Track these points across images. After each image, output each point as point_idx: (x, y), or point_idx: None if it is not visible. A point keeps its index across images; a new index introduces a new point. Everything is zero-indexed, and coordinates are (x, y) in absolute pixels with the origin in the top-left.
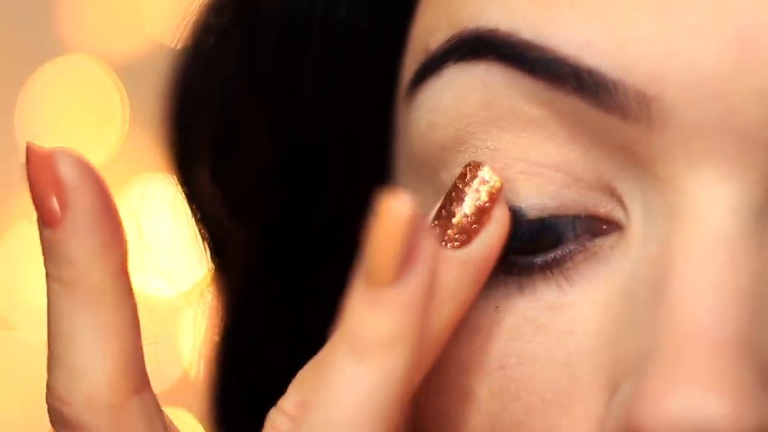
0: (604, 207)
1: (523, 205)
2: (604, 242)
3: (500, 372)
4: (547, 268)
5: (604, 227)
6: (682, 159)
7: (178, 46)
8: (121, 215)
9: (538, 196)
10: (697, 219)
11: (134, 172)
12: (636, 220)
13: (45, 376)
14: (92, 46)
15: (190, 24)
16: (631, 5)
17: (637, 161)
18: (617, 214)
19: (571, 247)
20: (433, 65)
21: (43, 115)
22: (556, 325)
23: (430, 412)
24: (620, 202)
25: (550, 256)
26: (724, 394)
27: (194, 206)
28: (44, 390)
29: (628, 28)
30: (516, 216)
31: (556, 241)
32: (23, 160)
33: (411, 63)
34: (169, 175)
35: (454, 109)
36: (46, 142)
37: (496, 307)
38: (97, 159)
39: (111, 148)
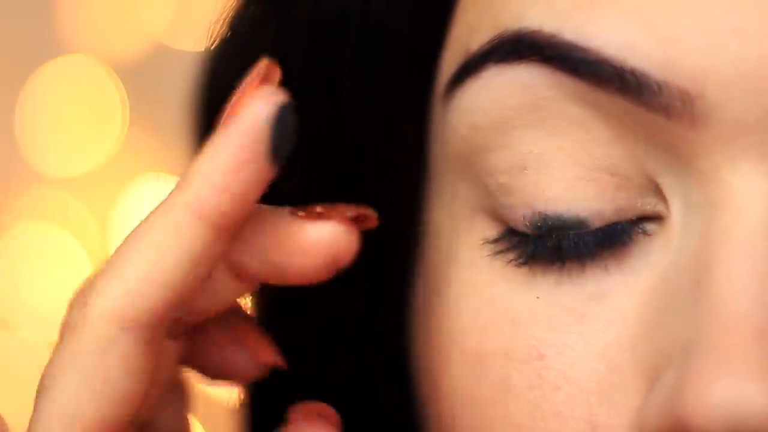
0: (651, 204)
1: (587, 216)
2: (643, 231)
3: (539, 362)
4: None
5: (644, 220)
6: (722, 154)
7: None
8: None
9: (597, 202)
10: (738, 210)
11: (134, 172)
12: (676, 213)
13: None
14: (92, 46)
15: (226, 18)
16: (672, 4)
17: (678, 156)
18: (659, 208)
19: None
20: (472, 66)
21: (43, 115)
22: (595, 316)
23: (467, 402)
24: (660, 194)
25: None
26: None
27: None
28: None
29: (670, 27)
30: (581, 227)
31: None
32: (24, 159)
33: (449, 62)
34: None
35: (494, 111)
36: (46, 142)
37: (537, 297)
38: (97, 159)
39: (111, 148)
